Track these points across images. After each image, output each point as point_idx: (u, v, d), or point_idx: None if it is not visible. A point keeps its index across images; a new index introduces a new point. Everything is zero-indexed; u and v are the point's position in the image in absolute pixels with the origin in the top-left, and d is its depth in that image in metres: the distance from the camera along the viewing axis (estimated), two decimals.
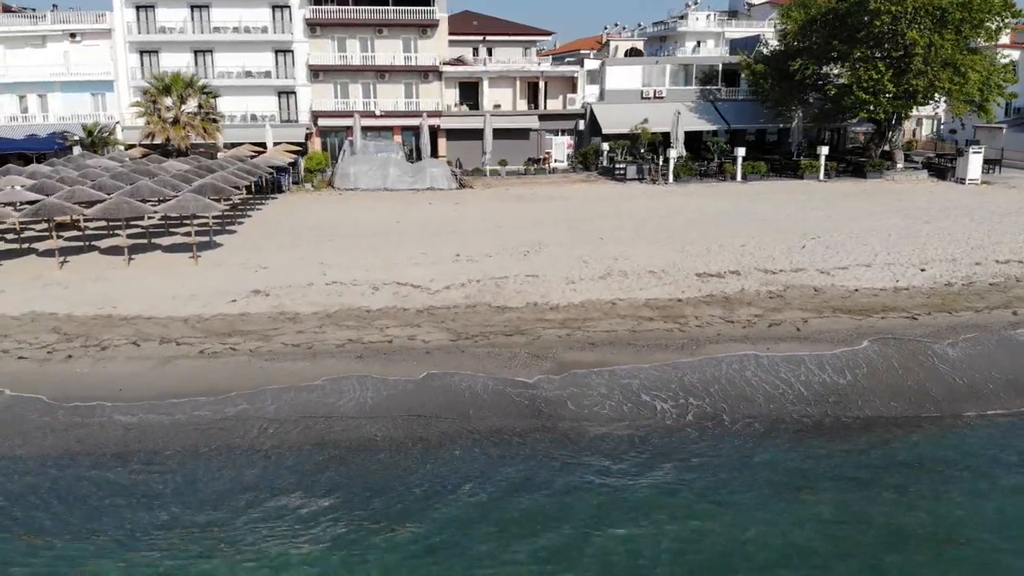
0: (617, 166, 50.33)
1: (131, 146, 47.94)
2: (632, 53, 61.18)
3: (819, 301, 23.83)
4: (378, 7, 53.92)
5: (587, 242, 30.28)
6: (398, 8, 54.24)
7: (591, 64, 57.17)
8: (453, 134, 55.68)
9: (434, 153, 53.42)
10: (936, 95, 47.36)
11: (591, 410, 17.53)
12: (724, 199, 41.09)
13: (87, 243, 29.90)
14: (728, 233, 31.52)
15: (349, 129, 53.73)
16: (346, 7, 53.75)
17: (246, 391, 18.21)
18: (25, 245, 30.36)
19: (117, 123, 51.94)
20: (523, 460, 15.72)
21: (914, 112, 53.26)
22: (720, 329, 21.69)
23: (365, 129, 52.39)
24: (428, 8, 54.59)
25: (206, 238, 29.78)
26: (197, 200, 26.25)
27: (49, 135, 48.67)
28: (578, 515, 13.81)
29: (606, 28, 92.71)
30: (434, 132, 54.14)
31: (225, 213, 33.48)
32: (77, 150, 45.82)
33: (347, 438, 16.54)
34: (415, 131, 54.95)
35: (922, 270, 26.86)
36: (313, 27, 53.72)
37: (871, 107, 46.12)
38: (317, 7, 53.39)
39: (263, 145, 49.46)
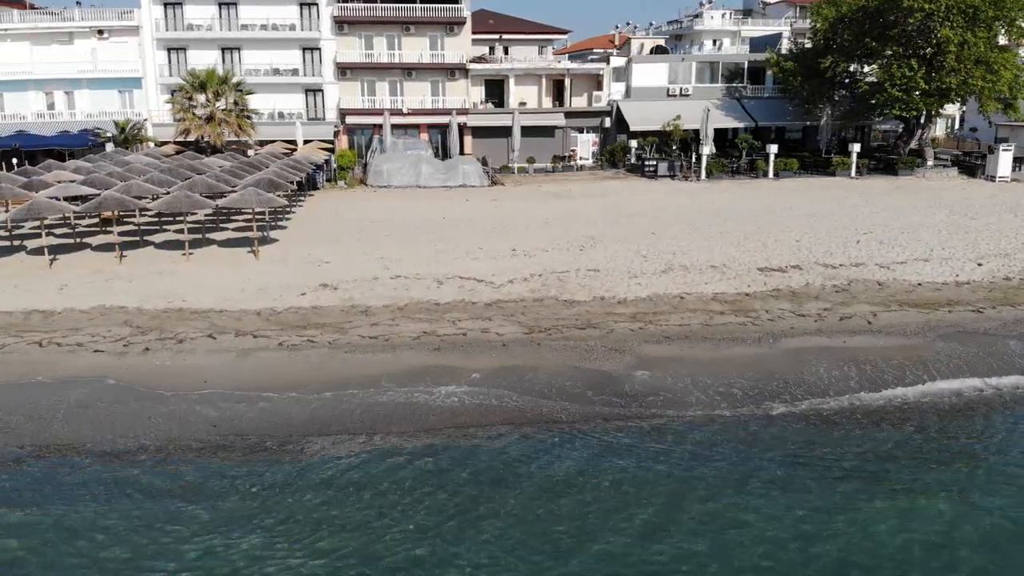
0: (647, 163, 50.34)
1: (163, 143, 47.88)
2: (657, 51, 61.15)
3: (885, 295, 23.87)
4: (405, 4, 53.91)
5: (639, 237, 30.29)
6: (425, 6, 54.25)
7: (617, 61, 57.18)
8: (479, 132, 55.68)
9: (460, 151, 53.45)
10: (967, 93, 47.32)
11: (689, 403, 17.53)
12: (763, 195, 41.17)
13: (141, 238, 29.83)
14: (778, 228, 31.59)
15: (376, 127, 53.88)
16: (373, 4, 53.70)
17: (334, 382, 18.21)
18: (77, 240, 30.29)
19: (145, 120, 51.84)
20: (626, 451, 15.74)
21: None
22: (793, 323, 21.71)
23: (392, 127, 52.38)
24: (455, 6, 54.57)
25: (262, 233, 29.75)
26: (260, 195, 26.22)
27: (81, 132, 48.61)
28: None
29: (617, 27, 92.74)
30: (460, 130, 54.13)
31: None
32: (110, 147, 45.79)
33: (443, 425, 16.56)
34: (441, 129, 55.12)
35: (979, 264, 26.92)
36: (340, 24, 53.68)
37: (904, 104, 46.16)
38: (344, 4, 53.34)
39: (293, 142, 49.51)
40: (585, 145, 56.58)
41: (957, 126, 66.90)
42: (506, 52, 66.27)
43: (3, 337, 20.81)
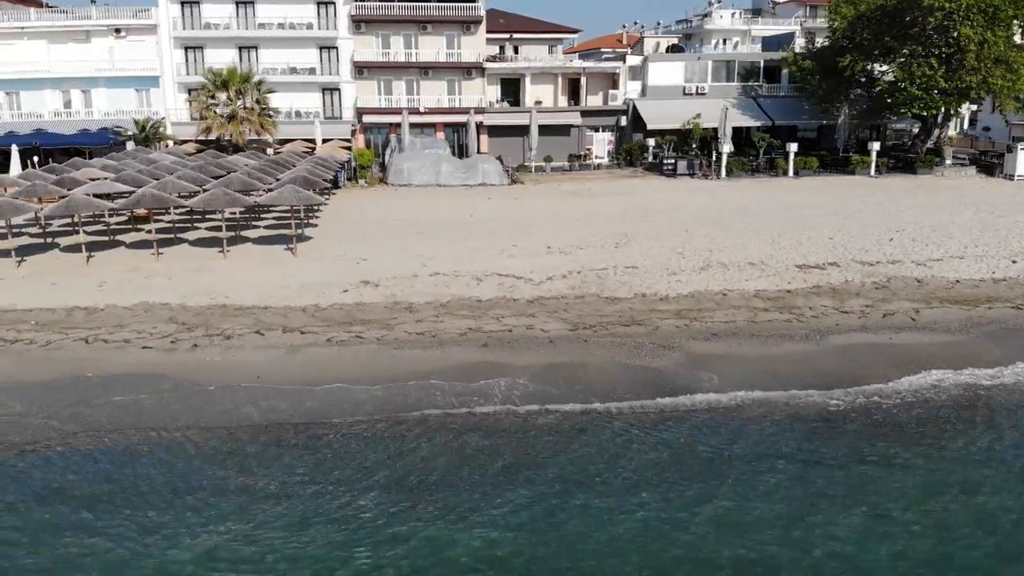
0: (666, 161, 50.38)
1: (183, 141, 47.88)
2: (673, 50, 61.24)
3: (925, 292, 23.89)
4: (422, 3, 53.92)
5: (671, 235, 30.31)
6: (442, 4, 54.29)
7: (633, 60, 57.21)
8: (494, 131, 55.69)
9: (477, 150, 53.44)
10: (987, 92, 47.36)
11: (747, 400, 17.53)
12: (786, 194, 41.23)
13: (175, 235, 29.77)
14: (810, 226, 31.62)
15: (392, 126, 53.89)
16: (390, 3, 53.67)
17: (384, 377, 18.23)
18: (111, 237, 30.20)
19: (163, 118, 51.78)
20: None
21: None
22: (837, 319, 21.73)
23: (409, 126, 52.33)
24: (472, 4, 54.60)
25: (300, 231, 29.69)
26: (298, 192, 26.19)
27: (100, 130, 48.54)
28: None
29: (624, 26, 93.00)
30: (476, 129, 54.09)
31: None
32: (130, 145, 45.72)
33: (501, 417, 16.58)
34: (457, 128, 55.19)
35: (1013, 262, 26.94)
36: (358, 23, 53.68)
37: (923, 103, 46.25)
38: (361, 3, 53.32)
39: (312, 141, 49.51)
40: (601, 144, 56.56)
41: (967, 125, 67.02)
42: (516, 51, 66.34)
43: (47, 334, 20.78)
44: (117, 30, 52.38)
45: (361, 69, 54.31)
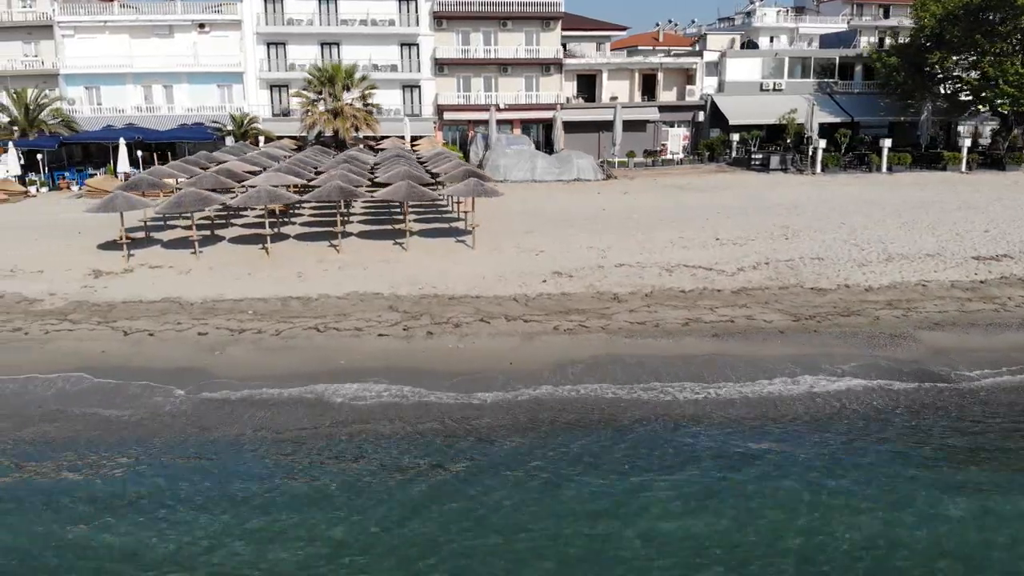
0: (754, 156, 50.66)
1: (279, 137, 47.92)
2: (748, 46, 61.62)
3: None
4: None
5: (830, 227, 30.40)
6: (522, 1, 54.41)
7: (709, 56, 57.48)
8: (569, 127, 55.55)
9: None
10: None
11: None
12: (896, 188, 41.51)
13: (343, 228, 29.67)
14: (955, 219, 31.84)
15: (469, 123, 54.14)
16: None
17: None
18: (277, 230, 30.00)
19: (248, 114, 51.71)
20: None
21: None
22: None
23: (486, 123, 52.26)
24: (551, 0, 54.77)
25: (460, 223, 29.76)
26: (480, 184, 26.28)
27: (195, 125, 48.53)
28: None
29: (657, 24, 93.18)
30: (551, 125, 54.10)
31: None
32: (229, 141, 45.71)
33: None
34: (534, 124, 55.41)
35: None
36: (439, 20, 53.80)
37: (1015, 100, 46.69)
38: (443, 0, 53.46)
39: (401, 138, 49.55)
40: (676, 139, 56.95)
41: None
42: (564, 48, 66.47)
43: (272, 323, 20.79)
44: (201, 25, 52.40)
45: (441, 66, 54.40)
